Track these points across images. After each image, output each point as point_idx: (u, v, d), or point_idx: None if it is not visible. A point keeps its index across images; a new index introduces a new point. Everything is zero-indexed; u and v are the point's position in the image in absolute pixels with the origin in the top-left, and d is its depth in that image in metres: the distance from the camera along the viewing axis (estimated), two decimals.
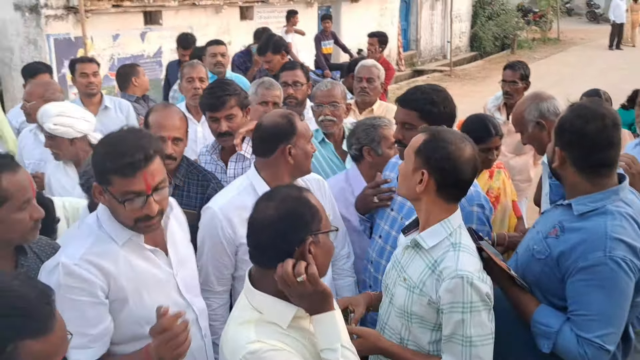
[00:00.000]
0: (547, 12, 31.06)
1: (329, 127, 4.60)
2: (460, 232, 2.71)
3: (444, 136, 2.70)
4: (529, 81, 6.25)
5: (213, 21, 14.42)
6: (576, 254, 2.65)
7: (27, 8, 11.16)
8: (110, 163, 2.51)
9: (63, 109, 4.25)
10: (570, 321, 2.67)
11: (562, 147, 2.80)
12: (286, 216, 2.22)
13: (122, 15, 12.42)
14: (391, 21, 21.54)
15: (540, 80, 5.47)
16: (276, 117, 3.34)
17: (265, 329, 2.24)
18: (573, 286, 2.67)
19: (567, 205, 2.83)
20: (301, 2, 16.90)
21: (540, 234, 2.88)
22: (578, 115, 2.76)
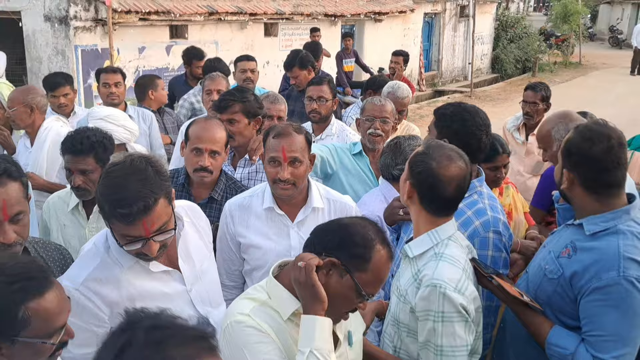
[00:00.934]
0: (569, 37, 30.99)
1: (376, 142, 4.57)
2: (447, 243, 2.72)
3: (432, 152, 2.75)
4: (549, 103, 6.25)
5: (237, 37, 14.58)
6: (589, 274, 2.65)
7: (56, 19, 11.37)
8: (109, 208, 2.40)
9: (109, 114, 4.38)
10: (585, 342, 2.66)
11: (570, 169, 2.82)
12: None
13: (149, 29, 12.61)
14: (413, 41, 21.64)
15: (561, 103, 5.49)
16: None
17: (264, 312, 2.33)
18: (587, 306, 2.67)
19: (579, 225, 2.83)
20: (325, 20, 17.03)
21: (552, 254, 2.88)
22: (583, 137, 2.78)
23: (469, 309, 2.58)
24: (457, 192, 2.73)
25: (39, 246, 2.91)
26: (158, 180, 2.47)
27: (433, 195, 2.71)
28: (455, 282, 2.58)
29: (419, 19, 21.93)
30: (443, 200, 2.73)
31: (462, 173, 2.72)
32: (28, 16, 11.62)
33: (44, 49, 11.63)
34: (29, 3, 11.55)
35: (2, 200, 2.49)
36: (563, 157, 2.88)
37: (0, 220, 2.49)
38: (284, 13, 15.49)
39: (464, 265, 2.68)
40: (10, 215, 2.52)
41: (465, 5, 24.21)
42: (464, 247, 2.80)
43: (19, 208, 2.56)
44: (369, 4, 19.08)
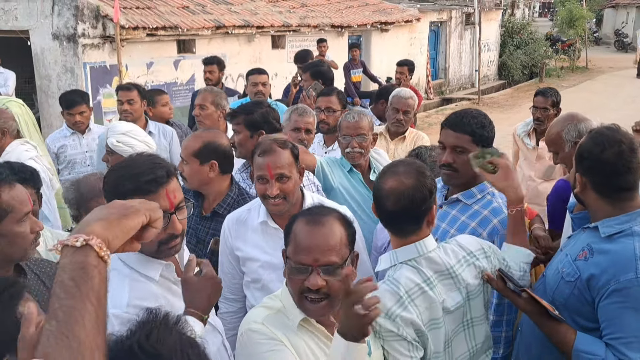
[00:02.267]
0: (575, 41, 31.01)
1: (355, 159, 4.49)
2: (400, 269, 2.71)
3: (391, 165, 2.87)
4: (559, 108, 6.23)
5: (245, 49, 14.64)
6: (607, 277, 2.65)
7: (64, 37, 11.45)
8: (131, 183, 2.44)
9: (130, 129, 4.47)
10: (610, 347, 2.65)
11: (583, 173, 2.84)
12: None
13: (156, 44, 12.67)
14: (420, 50, 21.68)
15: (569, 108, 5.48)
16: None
17: (278, 320, 2.37)
18: (606, 309, 2.66)
19: (594, 227, 2.84)
20: (332, 31, 17.08)
21: (569, 257, 2.89)
22: (595, 142, 2.80)
23: (398, 330, 2.59)
24: (393, 207, 2.74)
25: (34, 265, 2.90)
26: (167, 161, 2.62)
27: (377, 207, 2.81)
28: (392, 307, 2.60)
29: (425, 28, 21.98)
30: (384, 214, 2.84)
31: (398, 188, 2.74)
32: (36, 35, 11.70)
33: (52, 67, 11.70)
34: (37, 22, 11.63)
35: (27, 193, 2.70)
36: (576, 162, 2.90)
37: (36, 210, 2.76)
38: (290, 25, 15.54)
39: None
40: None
41: (471, 13, 24.26)
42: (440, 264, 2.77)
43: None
44: (375, 14, 19.15)
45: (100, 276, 1.45)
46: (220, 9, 14.43)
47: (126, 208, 1.65)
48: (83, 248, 1.46)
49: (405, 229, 2.74)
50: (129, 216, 1.62)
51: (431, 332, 2.67)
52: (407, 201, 2.67)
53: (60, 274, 1.43)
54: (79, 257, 1.45)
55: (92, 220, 1.56)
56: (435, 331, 2.68)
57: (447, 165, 3.35)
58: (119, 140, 4.34)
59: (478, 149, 3.25)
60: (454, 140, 3.33)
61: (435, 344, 2.68)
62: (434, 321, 2.67)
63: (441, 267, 2.75)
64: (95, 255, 1.46)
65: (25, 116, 5.13)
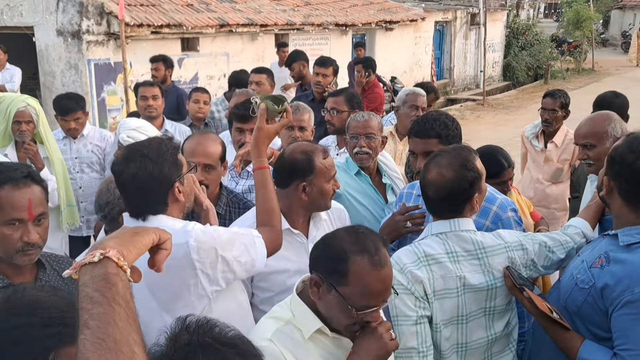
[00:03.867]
0: (582, 43, 30.94)
1: (363, 160, 4.29)
2: (428, 238, 2.94)
3: (437, 154, 3.00)
4: (568, 110, 6.21)
5: (248, 48, 14.64)
6: (622, 287, 2.59)
7: (69, 34, 11.47)
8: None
9: (140, 125, 4.54)
10: (617, 356, 2.60)
11: (611, 177, 2.78)
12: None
13: (161, 42, 12.68)
14: (425, 50, 21.68)
15: (575, 110, 5.43)
16: (296, 153, 3.32)
17: (286, 334, 2.33)
18: (619, 320, 2.61)
19: (614, 235, 2.79)
20: (336, 30, 17.08)
21: (585, 264, 2.82)
22: (630, 148, 2.73)
23: (405, 284, 2.78)
24: (433, 193, 2.96)
25: (53, 260, 2.92)
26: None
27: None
28: (406, 261, 2.84)
29: (430, 28, 21.98)
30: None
31: (445, 174, 2.91)
32: (41, 31, 11.72)
33: (57, 63, 11.72)
34: (41, 18, 11.66)
35: (28, 199, 2.61)
36: (607, 164, 2.83)
37: (25, 220, 2.61)
38: (294, 24, 15.55)
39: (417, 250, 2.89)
40: (35, 215, 2.64)
41: (476, 13, 24.25)
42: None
43: (42, 209, 2.68)
44: (380, 13, 19.13)
45: (122, 282, 1.50)
46: (224, 7, 14.43)
47: (136, 228, 1.73)
48: (101, 262, 1.51)
49: (446, 215, 2.92)
50: (140, 234, 1.70)
51: (440, 300, 2.80)
52: (446, 192, 2.86)
53: (83, 289, 1.47)
54: (98, 271, 1.50)
55: (106, 239, 1.61)
56: (445, 301, 2.81)
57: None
58: (129, 136, 4.39)
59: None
60: (423, 146, 3.51)
61: (443, 313, 2.81)
62: (446, 291, 2.80)
63: (469, 247, 2.88)
64: (115, 265, 1.52)
65: (41, 113, 5.16)
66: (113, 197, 3.32)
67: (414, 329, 2.76)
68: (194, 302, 2.73)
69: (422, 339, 2.77)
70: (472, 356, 2.93)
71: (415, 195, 3.66)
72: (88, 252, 1.55)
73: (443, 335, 2.84)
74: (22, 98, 5.13)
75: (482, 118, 18.72)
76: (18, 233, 2.60)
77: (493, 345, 2.95)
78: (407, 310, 2.76)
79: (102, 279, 1.48)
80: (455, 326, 2.86)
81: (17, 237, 2.60)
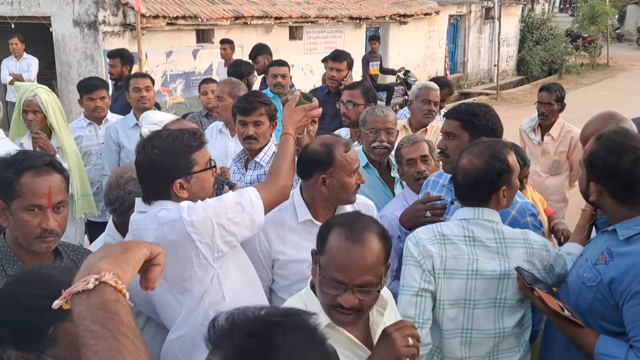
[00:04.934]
0: (596, 38, 30.72)
1: (382, 155, 4.41)
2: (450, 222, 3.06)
3: (473, 144, 3.10)
4: (564, 103, 6.34)
5: (263, 40, 14.57)
6: (629, 279, 2.61)
7: (85, 24, 11.57)
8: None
9: (161, 119, 4.48)
10: (634, 348, 2.61)
11: (598, 181, 2.79)
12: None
13: (176, 33, 12.77)
14: (439, 44, 21.64)
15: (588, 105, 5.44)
16: (317, 145, 3.36)
17: None
18: (630, 311, 2.62)
19: (612, 230, 2.81)
20: (350, 23, 17.09)
21: (589, 262, 2.84)
22: (609, 150, 2.74)
23: (416, 256, 2.91)
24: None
25: (70, 250, 2.98)
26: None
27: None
28: (422, 235, 2.97)
29: (444, 21, 21.93)
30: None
31: (481, 162, 2.98)
32: (58, 21, 11.83)
33: (73, 53, 11.83)
34: (58, 8, 11.76)
35: (48, 186, 2.65)
36: (587, 169, 2.85)
37: (45, 207, 2.65)
38: (308, 16, 15.58)
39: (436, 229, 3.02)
40: (54, 203, 2.68)
41: (491, 7, 24.16)
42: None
43: (62, 197, 2.72)
44: (394, 6, 19.11)
45: (124, 308, 1.39)
46: (239, 0, 14.49)
47: (125, 244, 1.61)
48: (96, 288, 1.39)
49: (472, 202, 3.01)
50: (130, 249, 1.58)
51: (448, 279, 2.89)
52: (473, 179, 2.95)
53: (81, 322, 1.36)
54: (95, 299, 1.38)
55: (95, 260, 1.49)
56: (454, 281, 2.89)
57: (441, 152, 3.56)
58: (151, 131, 4.39)
59: (467, 135, 3.42)
60: (446, 126, 3.56)
61: (450, 293, 2.89)
62: (456, 271, 2.89)
63: (489, 235, 2.95)
64: (113, 290, 1.40)
65: (52, 103, 5.17)
66: (123, 192, 3.38)
67: (414, 300, 2.87)
68: (200, 275, 2.82)
69: (420, 311, 2.86)
70: (478, 346, 2.95)
71: (441, 185, 3.71)
72: (78, 277, 1.45)
73: (447, 314, 2.90)
74: (32, 88, 5.19)
75: None
76: (37, 219, 2.64)
77: (501, 341, 2.96)
78: (412, 281, 2.89)
79: (101, 308, 1.36)
80: (462, 309, 2.91)
81: (36, 224, 2.64)
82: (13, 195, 2.64)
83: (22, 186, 2.63)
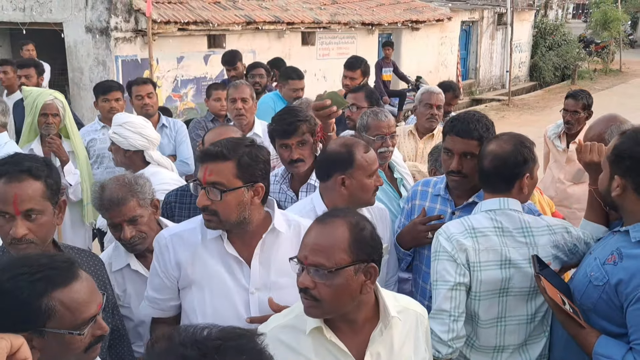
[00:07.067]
0: (609, 44, 30.64)
1: (387, 159, 4.36)
2: (477, 214, 3.11)
3: (500, 134, 3.23)
4: (591, 111, 6.16)
5: (275, 45, 14.67)
6: (636, 282, 2.61)
7: (97, 30, 11.58)
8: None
9: (128, 121, 4.48)
10: (633, 350, 2.61)
11: (622, 174, 2.77)
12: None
13: (187, 39, 12.77)
14: (451, 50, 21.60)
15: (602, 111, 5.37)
16: (337, 145, 3.32)
17: (290, 326, 2.38)
18: (634, 314, 2.62)
19: (625, 231, 2.80)
20: (362, 29, 17.06)
21: (598, 261, 2.84)
22: (636, 141, 2.76)
23: (450, 251, 2.96)
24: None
25: (74, 252, 2.96)
26: (243, 150, 2.72)
27: None
28: (454, 231, 3.02)
29: (456, 27, 21.88)
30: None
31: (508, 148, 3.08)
32: (70, 27, 11.85)
33: (85, 59, 11.85)
34: (70, 15, 11.78)
35: (14, 193, 2.58)
36: (612, 164, 2.83)
37: (12, 213, 2.59)
38: (321, 22, 15.56)
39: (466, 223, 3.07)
40: (21, 211, 2.60)
41: (503, 13, 24.09)
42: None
43: (32, 206, 2.62)
44: (407, 12, 19.09)
45: None
46: (251, 5, 14.48)
47: None
48: None
49: (496, 188, 3.07)
50: None
51: (483, 272, 2.95)
52: (501, 162, 3.02)
53: None
54: None
55: None
56: (489, 272, 2.95)
57: (457, 172, 3.38)
58: (115, 132, 4.42)
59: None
60: (463, 146, 3.35)
61: (486, 284, 2.95)
62: (490, 263, 2.95)
63: (517, 225, 3.02)
64: None
65: (67, 107, 5.25)
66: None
67: (450, 294, 2.92)
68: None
69: (455, 304, 2.93)
70: (514, 334, 3.05)
71: (433, 195, 3.65)
72: None
73: (482, 305, 2.98)
74: (48, 92, 5.22)
75: (507, 118, 18.60)
76: (7, 226, 2.61)
77: (530, 325, 3.06)
78: (447, 275, 2.93)
79: None
80: (497, 299, 2.99)
81: (7, 230, 2.61)
82: None
83: None
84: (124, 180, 3.36)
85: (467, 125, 3.35)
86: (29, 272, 1.93)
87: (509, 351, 3.07)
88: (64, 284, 1.96)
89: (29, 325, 1.90)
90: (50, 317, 1.92)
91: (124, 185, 3.32)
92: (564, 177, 6.21)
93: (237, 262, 2.79)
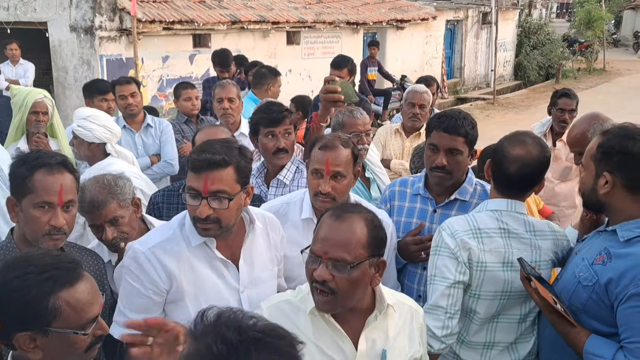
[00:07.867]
0: (593, 43, 30.83)
1: (364, 156, 4.31)
2: (482, 212, 3.08)
3: (517, 134, 3.20)
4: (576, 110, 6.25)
5: (260, 45, 14.67)
6: (626, 281, 2.60)
7: (82, 29, 11.53)
8: (191, 155, 2.70)
9: (90, 115, 4.53)
10: (624, 349, 2.60)
11: (611, 170, 2.72)
12: None
13: (172, 38, 12.74)
14: (436, 49, 21.65)
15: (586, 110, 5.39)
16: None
17: (293, 305, 2.45)
18: (624, 313, 2.61)
19: (612, 231, 2.78)
20: (347, 28, 17.08)
21: (586, 261, 2.81)
22: (623, 136, 2.72)
23: (453, 248, 2.95)
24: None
25: (75, 250, 3.03)
26: (237, 153, 2.66)
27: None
28: (459, 228, 3.01)
29: (441, 26, 21.94)
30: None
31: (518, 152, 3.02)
32: (54, 26, 11.79)
33: (69, 58, 11.79)
34: (55, 14, 11.72)
35: (60, 184, 2.72)
36: (599, 161, 2.78)
37: (55, 204, 2.71)
38: (306, 21, 15.56)
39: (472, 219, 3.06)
40: (65, 201, 2.74)
41: (488, 12, 24.17)
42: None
43: (71, 196, 2.78)
44: (391, 11, 19.12)
45: None
46: (236, 4, 14.47)
47: None
48: None
49: (515, 193, 3.07)
50: None
51: (486, 272, 2.96)
52: (531, 169, 3.01)
53: None
54: None
55: None
56: (490, 273, 2.96)
57: (442, 168, 3.36)
58: (80, 125, 4.44)
59: (467, 149, 3.38)
60: (449, 142, 3.34)
61: (487, 285, 2.97)
62: (492, 264, 2.96)
63: (521, 227, 3.04)
64: None
65: (54, 106, 5.32)
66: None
67: (448, 292, 2.93)
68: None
69: (452, 302, 2.94)
70: (504, 332, 3.08)
71: (411, 195, 3.62)
72: None
73: (480, 304, 3.00)
74: (38, 90, 5.28)
75: (492, 117, 18.69)
76: (47, 217, 2.71)
77: (522, 325, 3.09)
78: (447, 272, 2.94)
79: None
80: (498, 300, 3.00)
81: (45, 221, 2.71)
82: (25, 192, 2.71)
83: (35, 183, 2.69)
84: (104, 182, 3.34)
85: (455, 122, 3.35)
86: (36, 271, 1.96)
87: (498, 348, 3.09)
88: (69, 284, 1.99)
89: (35, 324, 1.94)
90: (56, 317, 1.95)
91: (104, 187, 3.31)
92: (552, 175, 6.21)
93: (225, 264, 2.80)
